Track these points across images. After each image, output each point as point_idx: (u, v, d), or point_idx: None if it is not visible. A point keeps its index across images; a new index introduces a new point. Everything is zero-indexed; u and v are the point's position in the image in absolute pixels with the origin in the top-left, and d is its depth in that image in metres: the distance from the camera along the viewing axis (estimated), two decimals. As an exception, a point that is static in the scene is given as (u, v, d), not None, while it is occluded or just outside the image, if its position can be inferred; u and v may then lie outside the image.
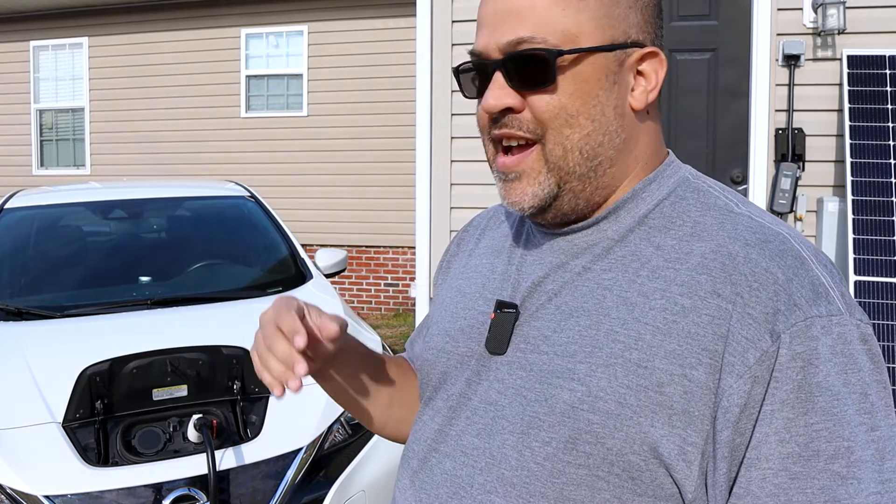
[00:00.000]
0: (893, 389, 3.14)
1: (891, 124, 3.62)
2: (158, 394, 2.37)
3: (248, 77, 8.22)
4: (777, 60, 3.90)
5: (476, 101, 0.84)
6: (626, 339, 0.74)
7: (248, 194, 4.10)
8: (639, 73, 0.81)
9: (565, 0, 0.77)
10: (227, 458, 2.27)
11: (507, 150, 0.82)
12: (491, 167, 0.85)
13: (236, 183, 4.40)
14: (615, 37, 0.79)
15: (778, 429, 0.68)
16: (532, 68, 0.77)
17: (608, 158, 0.80)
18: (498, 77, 0.79)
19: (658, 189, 0.82)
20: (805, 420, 0.67)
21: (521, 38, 0.77)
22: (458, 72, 0.85)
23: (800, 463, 0.67)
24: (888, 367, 3.19)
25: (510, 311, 0.83)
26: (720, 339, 0.71)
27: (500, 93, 0.79)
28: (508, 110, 0.79)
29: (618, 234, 0.81)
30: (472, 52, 0.82)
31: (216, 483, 2.17)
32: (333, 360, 0.95)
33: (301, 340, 0.79)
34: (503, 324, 0.83)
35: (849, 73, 3.73)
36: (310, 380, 0.98)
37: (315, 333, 0.84)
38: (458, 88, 0.89)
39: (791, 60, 3.87)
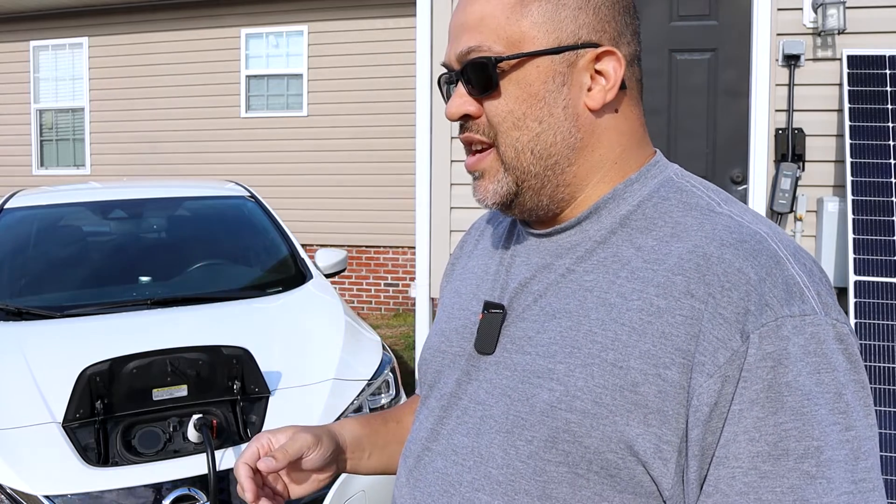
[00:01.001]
0: (892, 390, 3.13)
1: (891, 124, 3.62)
2: (158, 394, 2.37)
3: (248, 77, 8.22)
4: (777, 60, 3.90)
5: None
6: (604, 340, 0.76)
7: (248, 194, 4.10)
8: (598, 72, 0.82)
9: (510, 9, 0.80)
10: (227, 458, 2.27)
11: (473, 153, 0.87)
12: None
13: (236, 183, 4.40)
14: (562, 39, 0.80)
15: (747, 428, 0.69)
16: (479, 76, 0.81)
17: (564, 157, 0.83)
18: (460, 86, 0.84)
19: (640, 189, 0.84)
20: (775, 419, 0.68)
21: (470, 48, 0.82)
22: (440, 83, 0.91)
23: (769, 462, 0.68)
24: (888, 368, 3.19)
25: (497, 311, 0.86)
26: (692, 338, 0.72)
27: (459, 101, 0.84)
28: (468, 116, 0.84)
29: (600, 235, 0.83)
30: (442, 64, 0.87)
31: (216, 483, 2.17)
32: (342, 455, 1.01)
33: (249, 495, 0.91)
34: (490, 324, 0.86)
35: (849, 73, 3.73)
36: (310, 380, 1.01)
37: (268, 473, 0.93)
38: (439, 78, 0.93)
39: (791, 60, 3.87)
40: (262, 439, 0.95)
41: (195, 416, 2.30)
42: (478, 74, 0.81)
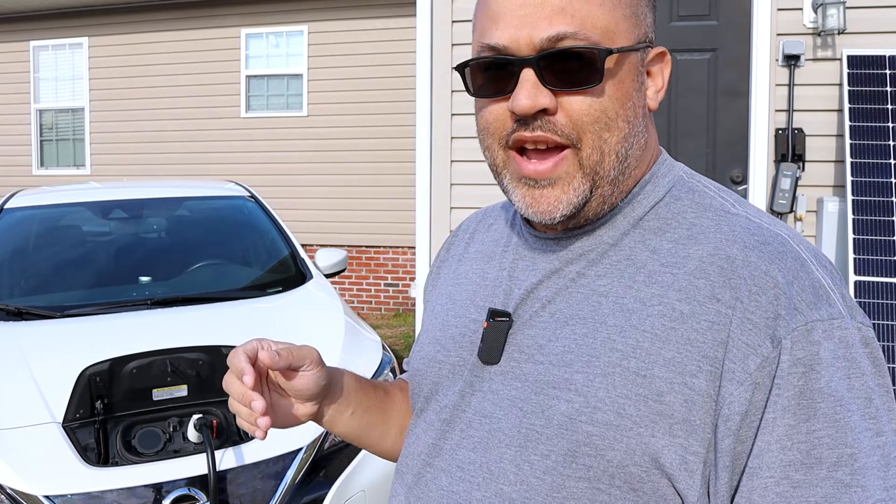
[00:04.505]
0: (894, 389, 3.14)
1: (891, 124, 3.62)
2: (158, 394, 2.37)
3: (248, 77, 8.22)
4: (777, 60, 3.90)
5: (482, 99, 0.78)
6: (624, 348, 0.72)
7: (248, 194, 4.10)
8: (647, 73, 0.80)
9: None
10: (227, 458, 2.27)
11: (524, 153, 0.76)
12: (500, 173, 0.79)
13: (236, 183, 4.40)
14: (639, 36, 0.77)
15: (780, 436, 0.66)
16: (576, 67, 0.72)
17: (635, 160, 0.78)
18: (529, 75, 0.72)
19: (654, 190, 0.81)
20: (807, 427, 0.66)
21: (562, 34, 0.71)
22: (465, 67, 0.78)
23: (802, 471, 0.66)
24: (889, 367, 3.19)
25: (503, 319, 0.81)
26: (720, 345, 0.69)
27: (534, 92, 0.72)
28: (542, 112, 0.73)
29: (612, 238, 0.79)
30: (492, 47, 0.75)
31: (216, 483, 2.17)
32: (329, 399, 0.92)
33: (248, 379, 0.79)
34: (496, 333, 0.80)
35: (849, 73, 3.73)
36: None
37: (267, 366, 0.84)
38: (458, 88, 0.84)
39: (791, 60, 3.87)
40: (264, 341, 0.86)
41: (195, 416, 2.30)
42: (574, 66, 0.72)
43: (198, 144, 8.37)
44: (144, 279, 3.38)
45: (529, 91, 0.72)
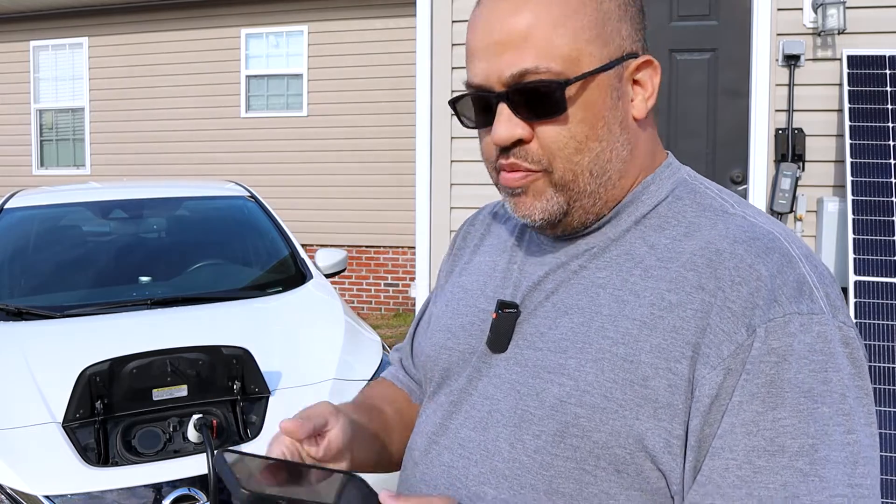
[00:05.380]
0: (892, 390, 3.13)
1: (891, 124, 3.62)
2: (158, 394, 2.37)
3: (248, 77, 8.22)
4: (777, 60, 3.90)
5: (476, 130, 0.85)
6: (615, 335, 0.75)
7: (248, 194, 4.10)
8: (635, 82, 0.82)
9: (558, 25, 0.76)
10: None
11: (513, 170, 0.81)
12: (497, 186, 0.85)
13: (236, 183, 4.40)
14: (612, 53, 0.79)
15: (745, 421, 0.68)
16: (540, 99, 0.76)
17: (616, 172, 0.81)
18: (503, 109, 0.78)
19: (657, 191, 0.84)
20: (773, 415, 0.68)
21: (525, 70, 0.76)
22: (455, 102, 0.84)
23: (765, 457, 0.68)
24: (888, 368, 3.19)
25: (511, 310, 0.84)
26: (700, 331, 0.72)
27: (508, 125, 0.78)
28: (518, 141, 0.79)
29: (615, 235, 0.83)
30: (470, 84, 0.81)
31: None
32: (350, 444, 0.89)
33: None
34: (504, 324, 0.84)
35: (849, 73, 3.73)
36: (310, 380, 0.96)
37: (296, 437, 0.81)
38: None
39: (791, 60, 3.87)
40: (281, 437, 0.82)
41: (195, 416, 2.30)
42: (538, 98, 0.76)
43: (198, 144, 8.37)
44: (144, 279, 3.38)
45: (504, 124, 0.78)
